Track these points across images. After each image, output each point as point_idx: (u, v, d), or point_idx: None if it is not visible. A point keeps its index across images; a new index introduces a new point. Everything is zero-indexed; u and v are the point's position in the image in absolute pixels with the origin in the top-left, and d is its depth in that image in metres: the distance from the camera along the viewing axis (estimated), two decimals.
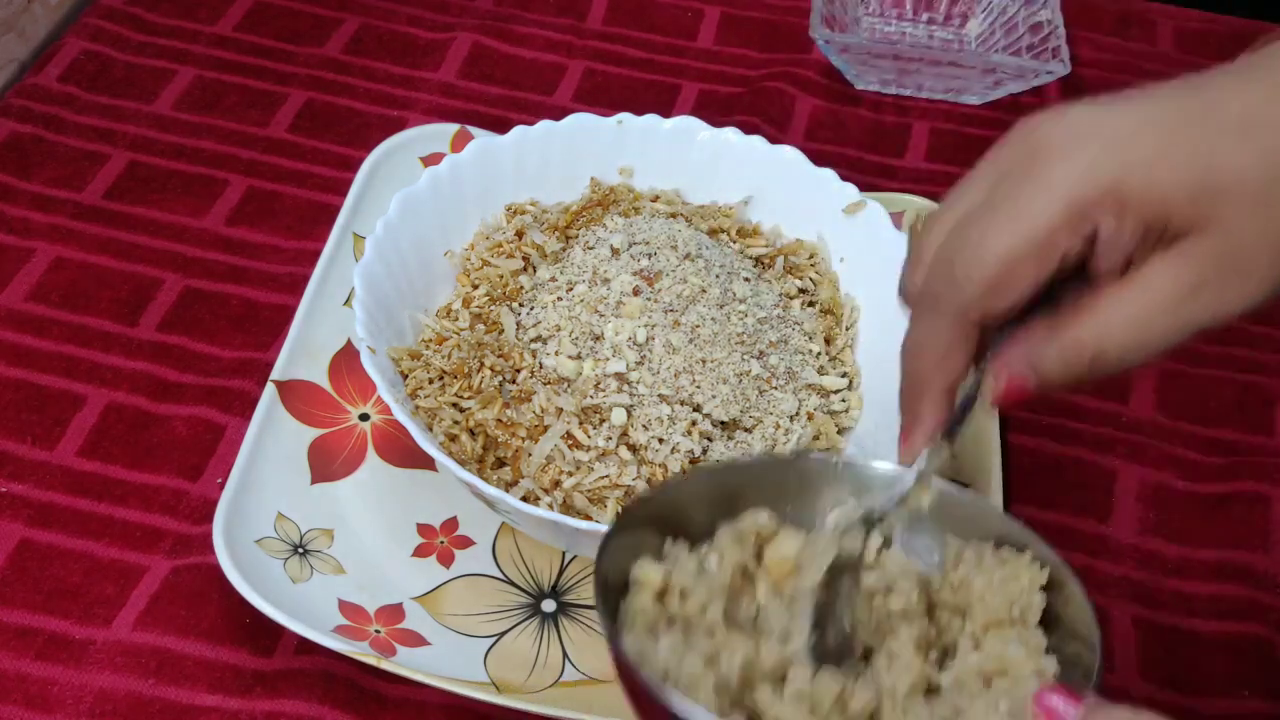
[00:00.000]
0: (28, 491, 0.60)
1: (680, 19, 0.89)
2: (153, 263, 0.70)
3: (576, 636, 0.57)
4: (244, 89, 0.80)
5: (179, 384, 0.65)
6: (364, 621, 0.56)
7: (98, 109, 0.78)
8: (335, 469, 0.61)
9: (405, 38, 0.85)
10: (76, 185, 0.73)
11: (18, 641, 0.55)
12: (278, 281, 0.70)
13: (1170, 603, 0.61)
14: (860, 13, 0.89)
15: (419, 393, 0.60)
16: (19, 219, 0.71)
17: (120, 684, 0.54)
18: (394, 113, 0.80)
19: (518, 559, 0.59)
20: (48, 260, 0.69)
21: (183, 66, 0.81)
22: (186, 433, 0.63)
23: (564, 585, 0.59)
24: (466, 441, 0.59)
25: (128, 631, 0.56)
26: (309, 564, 0.57)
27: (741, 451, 0.59)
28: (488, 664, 0.55)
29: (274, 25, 0.85)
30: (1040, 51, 0.84)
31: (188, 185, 0.74)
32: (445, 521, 0.60)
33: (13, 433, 0.62)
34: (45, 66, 0.79)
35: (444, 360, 0.61)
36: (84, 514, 0.60)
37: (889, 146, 0.81)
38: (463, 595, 0.58)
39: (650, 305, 0.60)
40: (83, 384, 0.64)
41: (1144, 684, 0.58)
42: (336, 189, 0.73)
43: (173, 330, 0.67)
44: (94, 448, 0.62)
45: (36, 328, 0.66)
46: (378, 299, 0.61)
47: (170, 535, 0.59)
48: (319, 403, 0.63)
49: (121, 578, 0.58)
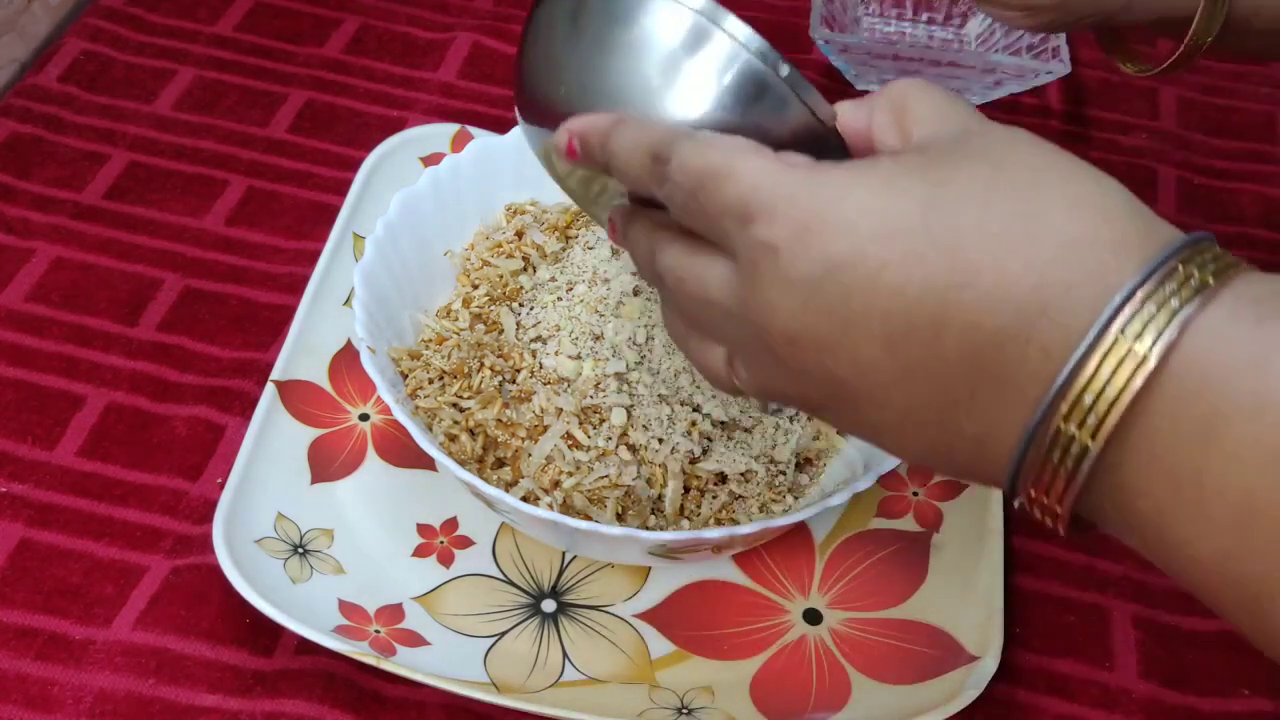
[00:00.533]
0: (28, 491, 0.60)
1: None
2: (152, 263, 0.70)
3: (576, 637, 0.57)
4: (244, 89, 0.80)
5: (179, 384, 0.65)
6: (364, 621, 0.56)
7: (98, 109, 0.78)
8: (335, 469, 0.61)
9: (405, 38, 0.85)
10: (76, 185, 0.73)
11: (18, 641, 0.55)
12: (277, 281, 0.70)
13: (1170, 602, 0.61)
14: (860, 13, 0.89)
15: (419, 393, 0.60)
16: (19, 219, 0.71)
17: (120, 684, 0.54)
18: (394, 113, 0.80)
19: (518, 559, 0.59)
20: (48, 260, 0.69)
21: (183, 66, 0.81)
22: (186, 433, 0.63)
23: (564, 585, 0.59)
24: (466, 441, 0.59)
25: (128, 631, 0.56)
26: (309, 564, 0.57)
27: (742, 451, 0.59)
28: (487, 664, 0.55)
29: (274, 25, 0.85)
30: (1040, 52, 0.84)
31: (188, 185, 0.74)
32: (445, 521, 0.60)
33: (13, 433, 0.62)
34: (45, 66, 0.79)
35: (444, 360, 0.61)
36: (84, 514, 0.60)
37: None
38: (463, 595, 0.58)
39: (650, 305, 0.60)
40: (83, 384, 0.64)
41: (1144, 684, 0.58)
42: (336, 189, 0.73)
43: (173, 330, 0.67)
44: (94, 448, 0.62)
45: (36, 328, 0.66)
46: (378, 299, 0.61)
47: (170, 535, 0.59)
48: (319, 403, 0.63)
49: (121, 578, 0.58)
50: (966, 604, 0.58)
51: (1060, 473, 0.34)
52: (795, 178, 0.37)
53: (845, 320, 0.35)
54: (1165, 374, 0.32)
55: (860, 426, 0.39)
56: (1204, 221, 0.78)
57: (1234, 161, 0.82)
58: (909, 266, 0.34)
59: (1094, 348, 0.33)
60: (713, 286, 0.39)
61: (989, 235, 0.34)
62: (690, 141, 0.39)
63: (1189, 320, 0.32)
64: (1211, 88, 0.87)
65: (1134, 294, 0.33)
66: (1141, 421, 0.33)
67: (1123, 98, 0.86)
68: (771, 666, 0.56)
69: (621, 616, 0.58)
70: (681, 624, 0.58)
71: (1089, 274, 0.33)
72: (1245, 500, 0.32)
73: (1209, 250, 0.34)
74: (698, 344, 0.43)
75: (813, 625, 0.58)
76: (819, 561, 0.60)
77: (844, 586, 0.59)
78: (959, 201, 0.35)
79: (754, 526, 0.54)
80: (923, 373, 0.35)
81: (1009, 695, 0.57)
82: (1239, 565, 0.32)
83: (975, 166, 0.35)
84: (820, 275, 0.35)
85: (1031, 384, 0.34)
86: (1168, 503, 0.33)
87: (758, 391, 0.41)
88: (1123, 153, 0.82)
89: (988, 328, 0.34)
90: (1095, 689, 0.57)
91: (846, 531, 0.61)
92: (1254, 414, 0.31)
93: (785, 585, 0.59)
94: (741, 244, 0.37)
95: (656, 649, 0.57)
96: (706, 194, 0.38)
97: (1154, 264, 0.33)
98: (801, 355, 0.37)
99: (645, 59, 0.42)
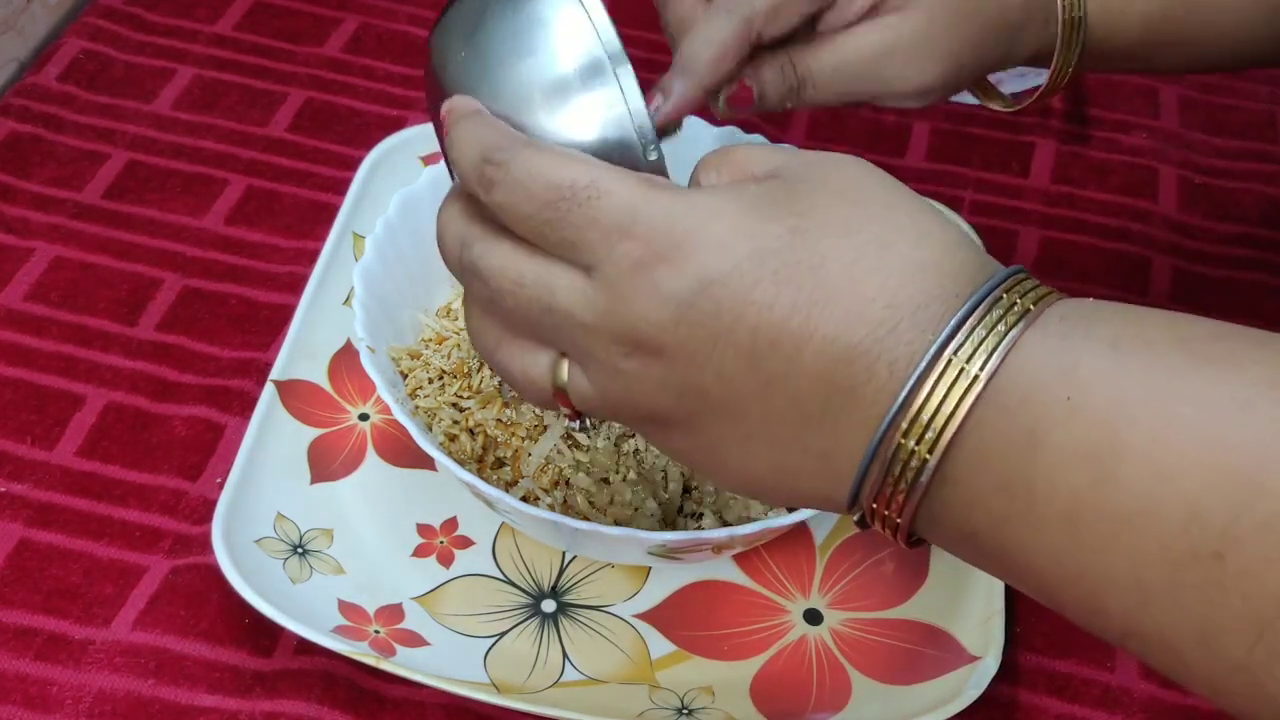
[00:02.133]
0: (27, 491, 0.60)
1: None
2: (152, 262, 0.70)
3: (577, 637, 0.57)
4: (243, 88, 0.80)
5: (178, 384, 0.65)
6: (364, 622, 0.56)
7: (97, 108, 0.78)
8: (335, 469, 0.61)
9: (405, 37, 0.85)
10: (76, 185, 0.73)
11: (17, 641, 0.55)
12: (277, 281, 0.70)
13: None
14: None
15: (419, 392, 0.60)
16: (18, 219, 0.71)
17: (120, 684, 0.54)
18: (394, 112, 0.80)
19: (518, 559, 0.59)
20: (47, 260, 0.69)
21: (182, 66, 0.81)
22: (186, 432, 0.63)
23: (564, 585, 0.59)
24: (466, 441, 0.59)
25: (127, 631, 0.56)
26: (309, 564, 0.57)
27: None
28: (487, 664, 0.55)
29: (274, 24, 0.85)
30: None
31: (187, 185, 0.74)
32: (445, 521, 0.60)
33: (12, 433, 0.62)
34: (44, 66, 0.79)
35: (444, 360, 0.61)
36: (83, 514, 0.59)
37: (889, 146, 0.81)
38: (463, 595, 0.58)
39: None
40: (82, 384, 0.64)
41: (1145, 684, 0.58)
42: (336, 188, 0.73)
43: (172, 330, 0.67)
44: (93, 448, 0.62)
45: (36, 327, 0.66)
46: (378, 298, 0.61)
47: (170, 535, 0.59)
48: (319, 402, 0.63)
49: (121, 578, 0.57)
50: (967, 604, 0.58)
51: (901, 485, 0.37)
52: (668, 199, 0.38)
53: (714, 333, 0.37)
54: (992, 390, 0.35)
55: (705, 446, 0.40)
56: (1205, 221, 0.78)
57: (1235, 161, 0.82)
58: (779, 284, 0.37)
59: (930, 368, 0.36)
60: (561, 296, 0.39)
61: (848, 260, 0.37)
62: (540, 153, 0.39)
63: (1013, 342, 0.36)
64: (1213, 87, 0.87)
65: (966, 319, 0.36)
66: (974, 435, 0.36)
67: (1124, 97, 0.86)
68: (772, 667, 0.56)
69: (622, 617, 0.58)
70: (682, 624, 0.58)
71: (932, 298, 0.37)
72: (1071, 501, 0.35)
73: (1027, 281, 0.37)
74: (516, 350, 0.42)
75: (813, 625, 0.58)
76: (819, 561, 0.60)
77: (844, 587, 0.59)
78: (823, 228, 0.37)
79: (754, 526, 0.54)
80: (782, 384, 0.37)
81: (1010, 695, 0.57)
82: (1073, 561, 0.35)
83: (832, 199, 0.38)
84: (695, 290, 0.37)
85: (876, 399, 0.37)
86: (1001, 511, 0.36)
87: (598, 401, 0.41)
88: (1123, 152, 0.82)
89: (843, 343, 0.37)
90: (1096, 689, 0.57)
91: (847, 532, 0.61)
92: (1066, 421, 0.35)
93: (786, 585, 0.59)
94: (607, 259, 0.38)
95: (657, 649, 0.57)
96: (568, 208, 0.38)
97: (983, 292, 0.36)
98: (666, 367, 0.39)
99: (513, 38, 0.41)
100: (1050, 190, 0.79)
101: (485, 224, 0.41)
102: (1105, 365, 0.35)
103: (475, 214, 0.41)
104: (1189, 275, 0.75)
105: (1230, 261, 0.76)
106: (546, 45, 0.41)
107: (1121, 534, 0.34)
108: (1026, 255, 0.76)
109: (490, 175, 0.39)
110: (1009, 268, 0.38)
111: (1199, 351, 0.35)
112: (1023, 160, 0.81)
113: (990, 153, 0.81)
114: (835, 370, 0.37)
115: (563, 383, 0.41)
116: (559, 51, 0.41)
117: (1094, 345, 0.35)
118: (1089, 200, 0.79)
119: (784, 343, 0.37)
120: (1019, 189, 0.79)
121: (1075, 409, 0.35)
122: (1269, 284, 0.75)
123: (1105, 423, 0.34)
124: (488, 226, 0.41)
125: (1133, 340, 0.35)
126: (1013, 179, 0.80)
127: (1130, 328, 0.36)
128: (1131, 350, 0.35)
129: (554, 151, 0.39)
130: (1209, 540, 0.33)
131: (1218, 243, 0.77)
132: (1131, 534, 0.34)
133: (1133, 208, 0.79)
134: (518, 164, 0.39)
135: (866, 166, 0.40)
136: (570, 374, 0.41)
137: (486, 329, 0.42)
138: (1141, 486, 0.34)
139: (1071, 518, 0.35)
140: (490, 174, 0.39)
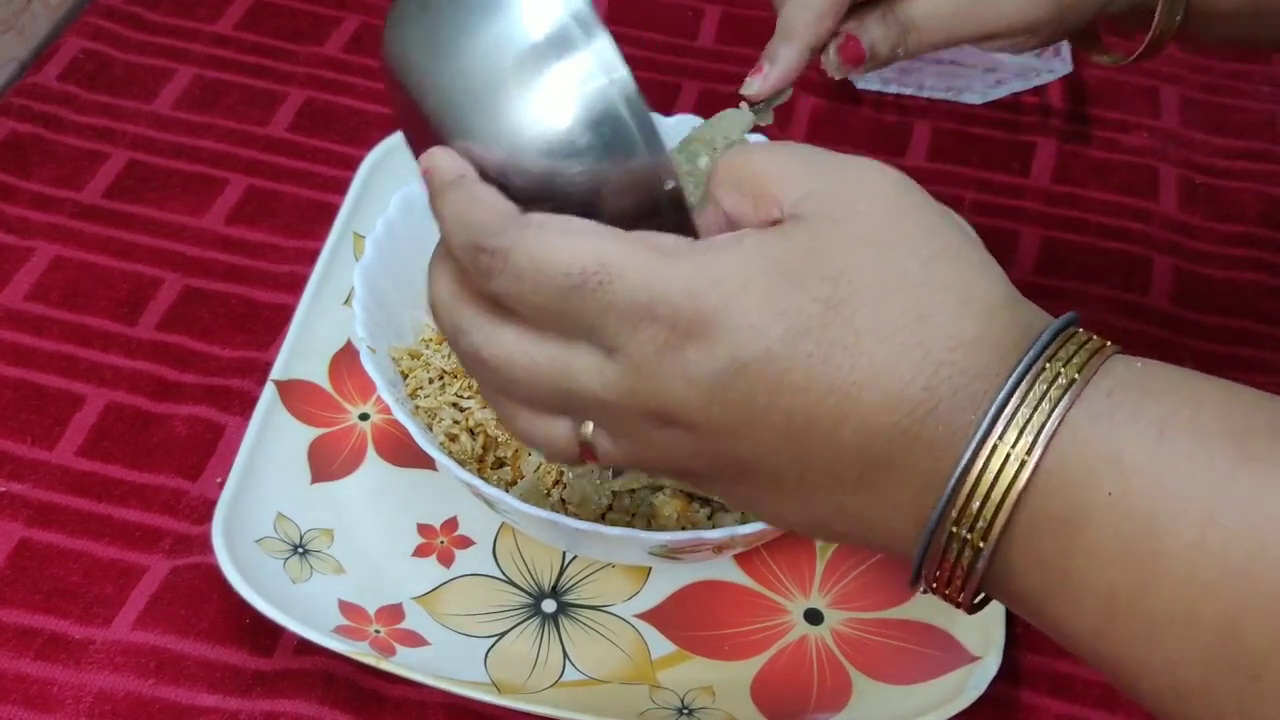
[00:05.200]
0: (27, 491, 0.60)
1: (681, 18, 0.89)
2: (152, 262, 0.70)
3: (577, 637, 0.57)
4: (244, 88, 0.80)
5: (178, 383, 0.65)
6: (364, 622, 0.56)
7: (97, 108, 0.78)
8: (335, 469, 0.61)
9: None
10: (76, 184, 0.73)
11: (17, 641, 0.55)
12: (277, 281, 0.70)
13: None
14: None
15: (419, 392, 0.60)
16: (18, 218, 0.71)
17: (120, 684, 0.54)
18: None
19: (518, 559, 0.59)
20: (47, 259, 0.69)
21: (182, 65, 0.81)
22: (186, 432, 0.63)
23: (564, 585, 0.59)
24: (466, 441, 0.59)
25: (127, 631, 0.56)
26: (309, 564, 0.57)
27: None
28: (488, 664, 0.55)
29: (274, 24, 0.85)
30: (1042, 50, 0.83)
31: (187, 184, 0.74)
32: (445, 521, 0.60)
33: (12, 432, 0.62)
34: (45, 65, 0.79)
35: (444, 360, 0.61)
36: (83, 514, 0.59)
37: (890, 146, 0.81)
38: (463, 595, 0.58)
39: None
40: (82, 383, 0.64)
41: None
42: (336, 188, 0.73)
43: (172, 330, 0.67)
44: (93, 447, 0.62)
45: (36, 327, 0.66)
46: (378, 298, 0.61)
47: (170, 535, 0.59)
48: (319, 402, 0.63)
49: (121, 577, 0.57)
50: None
51: (957, 572, 0.37)
52: (686, 271, 0.36)
53: (749, 416, 0.36)
54: (1036, 472, 0.35)
55: (743, 498, 0.40)
56: (1205, 220, 0.78)
57: (1235, 160, 0.82)
58: (813, 366, 0.36)
59: (976, 455, 0.35)
60: (583, 380, 0.37)
61: (884, 339, 0.36)
62: (540, 235, 0.36)
63: (1058, 422, 0.35)
64: (1213, 86, 0.87)
65: (1010, 398, 0.35)
66: (1017, 514, 0.35)
67: (1124, 96, 0.86)
68: (772, 666, 0.56)
69: (622, 616, 0.58)
70: (682, 624, 0.58)
71: (972, 377, 0.35)
72: (1107, 591, 0.34)
73: (1071, 343, 0.36)
74: (537, 421, 0.40)
75: (814, 625, 0.58)
76: (820, 561, 0.60)
77: (845, 586, 0.59)
78: (857, 299, 0.36)
79: (754, 526, 0.54)
80: (817, 459, 0.37)
81: (1010, 695, 0.57)
82: (1107, 646, 0.35)
83: (866, 256, 0.36)
84: (727, 372, 0.36)
85: (916, 476, 0.36)
86: (1039, 586, 0.36)
87: (629, 462, 0.40)
88: (1124, 151, 0.82)
89: (882, 424, 0.36)
90: (1097, 689, 0.57)
91: None
92: (1107, 514, 0.34)
93: (786, 585, 0.59)
94: (630, 343, 0.36)
95: (657, 649, 0.57)
96: (580, 297, 0.36)
97: (1026, 364, 0.35)
98: (699, 440, 0.38)
99: (499, 64, 0.37)
100: (1051, 190, 0.79)
101: (481, 305, 0.39)
102: (1149, 459, 0.34)
103: (470, 292, 0.39)
104: (1189, 275, 0.75)
105: (1230, 261, 0.76)
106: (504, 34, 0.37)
107: (1158, 635, 0.34)
108: (1027, 255, 0.76)
109: (487, 264, 0.37)
110: (1057, 321, 0.36)
111: (1251, 450, 0.34)
112: (1023, 160, 0.81)
113: (991, 152, 0.81)
114: (872, 446, 0.36)
115: (588, 443, 0.39)
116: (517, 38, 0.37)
117: (1140, 431, 0.34)
118: (1090, 200, 0.79)
119: (821, 422, 0.36)
120: (1020, 188, 0.79)
121: (1116, 504, 0.34)
122: (1269, 284, 0.75)
123: (1146, 526, 0.34)
124: (484, 309, 0.38)
125: (1182, 429, 0.34)
126: (1013, 178, 0.80)
127: (1183, 411, 0.34)
128: (1178, 440, 0.34)
129: (554, 230, 0.36)
130: (1247, 660, 0.33)
131: (1218, 242, 0.77)
132: (1169, 637, 0.34)
133: (1133, 207, 0.79)
134: (518, 253, 0.36)
135: (899, 188, 0.38)
136: (596, 438, 0.39)
137: (501, 404, 0.40)
138: (1181, 592, 0.33)
139: (1109, 610, 0.34)
140: (487, 263, 0.37)
